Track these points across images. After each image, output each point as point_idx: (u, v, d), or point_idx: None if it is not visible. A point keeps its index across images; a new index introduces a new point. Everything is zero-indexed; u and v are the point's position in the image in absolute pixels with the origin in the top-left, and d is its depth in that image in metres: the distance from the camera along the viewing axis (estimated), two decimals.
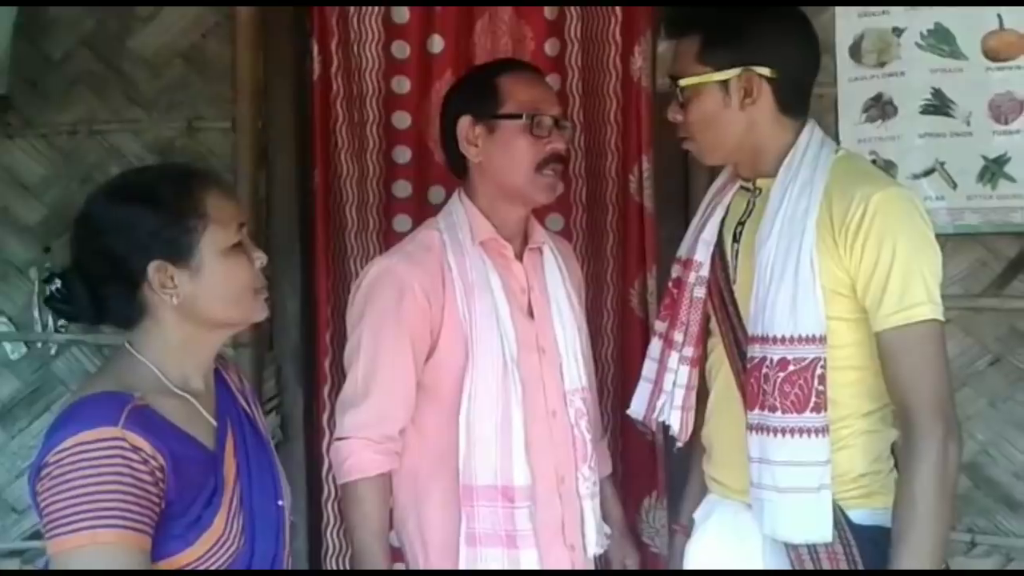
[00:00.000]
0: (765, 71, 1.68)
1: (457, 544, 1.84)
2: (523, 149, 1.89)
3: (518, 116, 1.89)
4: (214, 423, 1.52)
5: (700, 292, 1.82)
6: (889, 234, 1.59)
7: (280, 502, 1.58)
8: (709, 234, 1.82)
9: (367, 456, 1.86)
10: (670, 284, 1.91)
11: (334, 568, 2.71)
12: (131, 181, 1.53)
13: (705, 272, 1.82)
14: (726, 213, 1.83)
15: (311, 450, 2.68)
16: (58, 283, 1.49)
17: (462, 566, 1.84)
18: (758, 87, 1.69)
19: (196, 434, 1.48)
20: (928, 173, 2.47)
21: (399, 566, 2.66)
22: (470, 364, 1.84)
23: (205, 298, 1.48)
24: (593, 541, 1.95)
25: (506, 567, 1.83)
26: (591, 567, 2.00)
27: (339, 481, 1.91)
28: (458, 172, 1.99)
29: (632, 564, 2.12)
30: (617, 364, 2.68)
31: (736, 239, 1.79)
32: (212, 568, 1.44)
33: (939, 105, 2.46)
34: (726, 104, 1.70)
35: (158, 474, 1.38)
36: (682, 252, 1.90)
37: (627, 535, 2.15)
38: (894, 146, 2.48)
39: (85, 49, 2.80)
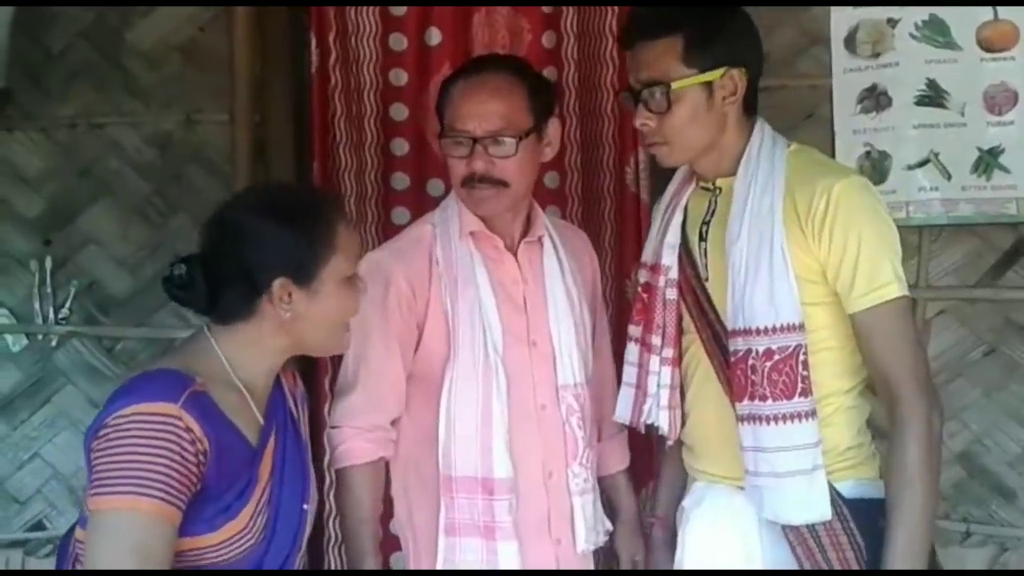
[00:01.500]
0: (742, 70, 1.74)
1: (437, 531, 1.86)
2: (449, 165, 1.90)
3: (439, 134, 1.91)
4: (261, 422, 1.58)
5: (672, 294, 1.87)
6: (853, 222, 1.67)
7: (305, 505, 1.63)
8: (673, 237, 1.87)
9: (357, 444, 1.88)
10: (639, 289, 1.95)
11: (334, 555, 2.73)
12: (274, 196, 1.62)
13: (674, 275, 1.86)
14: (685, 215, 1.88)
15: (311, 441, 2.69)
16: (182, 268, 1.55)
17: (440, 555, 1.86)
18: (741, 85, 1.74)
19: (243, 428, 1.54)
20: (922, 164, 2.48)
21: (396, 554, 2.69)
22: (452, 355, 1.86)
23: (313, 321, 1.57)
24: (583, 537, 1.94)
25: (484, 558, 1.84)
26: (584, 561, 1.99)
27: (332, 468, 1.94)
28: None
29: (641, 560, 2.12)
30: (614, 356, 2.69)
31: (703, 238, 1.83)
32: (226, 557, 1.50)
33: (933, 96, 2.47)
34: (709, 106, 1.73)
35: (201, 457, 1.45)
36: (647, 257, 1.93)
37: (638, 531, 2.14)
38: (888, 137, 2.49)
39: (84, 42, 2.81)
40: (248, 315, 1.56)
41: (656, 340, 1.88)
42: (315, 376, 2.72)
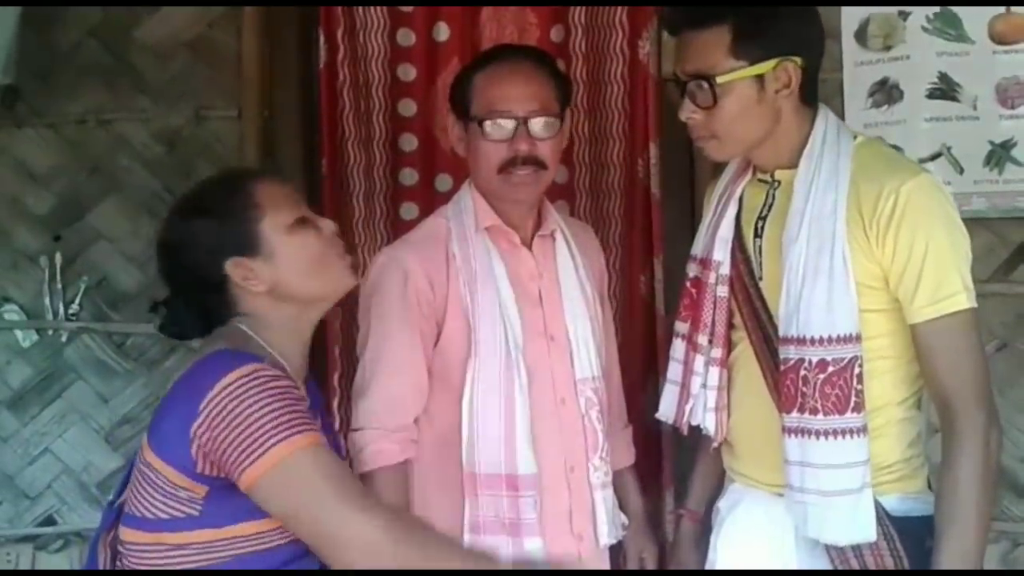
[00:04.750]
0: (797, 60, 1.64)
1: (461, 530, 1.84)
2: (484, 152, 1.86)
3: (476, 119, 1.86)
4: (308, 400, 1.60)
5: (723, 291, 1.79)
6: (921, 225, 1.58)
7: None
8: (726, 231, 1.78)
9: (383, 446, 1.85)
10: (688, 283, 1.87)
11: None
12: (184, 200, 1.66)
13: (726, 270, 1.78)
14: (740, 207, 1.79)
15: None
16: (163, 311, 1.61)
17: None
18: (795, 77, 1.64)
19: None
20: (934, 158, 2.46)
21: None
22: (473, 352, 1.84)
23: (288, 276, 1.58)
24: (605, 531, 1.93)
25: (510, 554, 1.83)
26: (603, 557, 1.99)
27: (357, 472, 1.88)
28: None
29: (649, 558, 2.10)
30: (621, 353, 2.68)
31: (758, 234, 1.75)
32: (283, 537, 1.50)
33: (945, 89, 2.45)
34: (760, 99, 1.64)
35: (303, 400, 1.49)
36: (697, 251, 1.85)
37: (646, 528, 2.14)
38: (900, 131, 2.47)
39: (92, 39, 2.81)
40: (237, 309, 1.58)
41: (703, 339, 1.80)
42: (325, 372, 2.72)
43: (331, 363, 2.69)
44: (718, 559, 1.86)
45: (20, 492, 2.86)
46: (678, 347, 1.89)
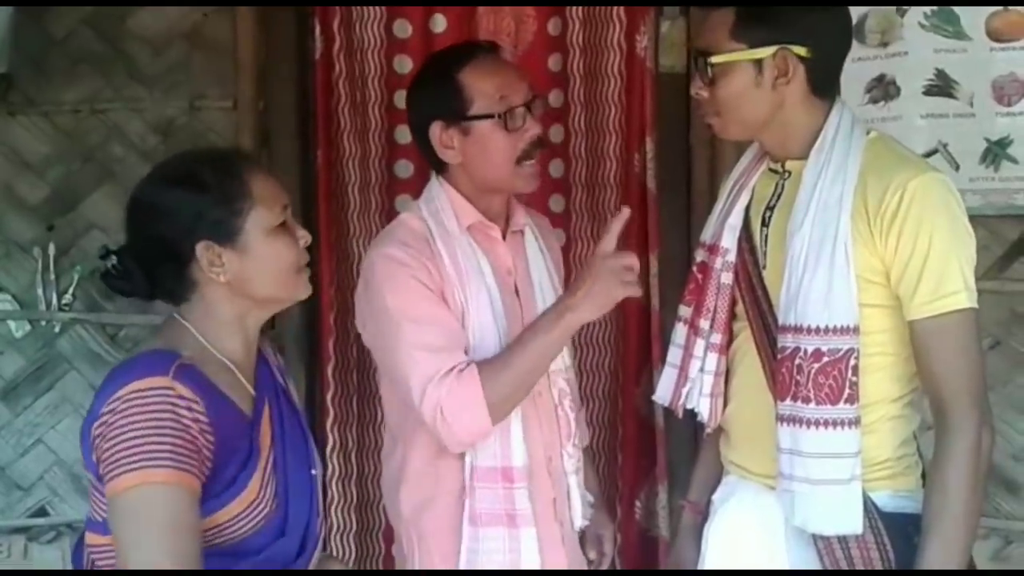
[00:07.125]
0: (801, 50, 1.62)
1: (452, 523, 1.85)
2: (500, 146, 1.83)
3: (490, 115, 1.82)
4: (252, 392, 1.58)
5: (727, 278, 1.79)
6: (926, 222, 1.56)
7: (313, 471, 1.63)
8: (736, 219, 1.78)
9: (453, 380, 1.73)
10: (694, 269, 1.87)
11: (339, 545, 2.74)
12: (177, 166, 1.59)
13: (732, 258, 1.79)
14: (751, 196, 1.79)
15: (314, 430, 2.69)
16: (114, 260, 1.55)
17: (464, 545, 1.83)
18: (793, 67, 1.62)
19: (235, 399, 1.53)
20: (930, 155, 2.45)
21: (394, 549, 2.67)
22: (470, 348, 1.84)
23: (252, 276, 1.54)
24: (579, 515, 1.96)
25: (507, 545, 1.84)
26: (577, 539, 2.01)
27: (481, 420, 1.75)
28: (438, 168, 1.95)
29: (607, 536, 2.12)
30: (615, 348, 2.68)
31: (765, 224, 1.75)
32: (245, 529, 1.50)
33: (942, 86, 2.45)
34: (757, 83, 1.64)
35: (203, 424, 1.44)
36: (706, 237, 1.86)
37: (602, 507, 2.15)
38: (896, 127, 2.46)
39: (87, 28, 2.80)
40: (191, 289, 1.54)
41: (704, 324, 1.81)
42: (319, 364, 2.72)
43: (325, 356, 2.70)
44: (709, 550, 1.87)
45: (12, 483, 2.86)
46: (679, 331, 1.89)
